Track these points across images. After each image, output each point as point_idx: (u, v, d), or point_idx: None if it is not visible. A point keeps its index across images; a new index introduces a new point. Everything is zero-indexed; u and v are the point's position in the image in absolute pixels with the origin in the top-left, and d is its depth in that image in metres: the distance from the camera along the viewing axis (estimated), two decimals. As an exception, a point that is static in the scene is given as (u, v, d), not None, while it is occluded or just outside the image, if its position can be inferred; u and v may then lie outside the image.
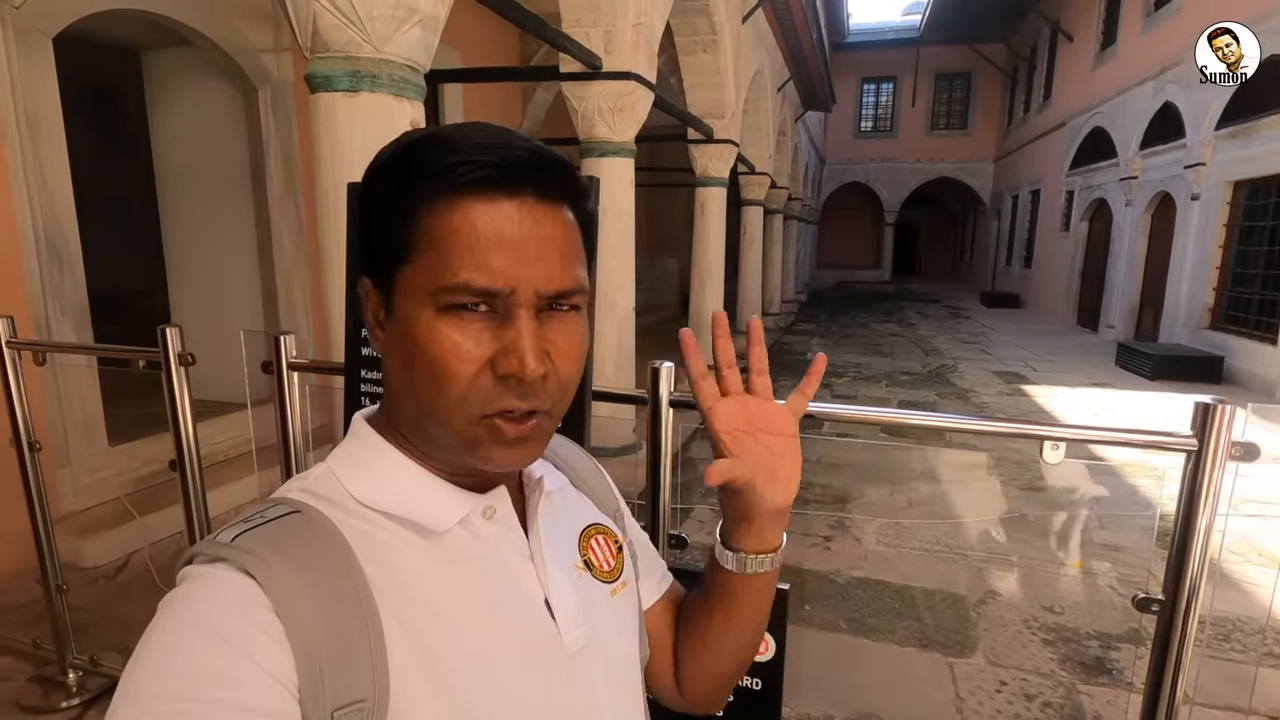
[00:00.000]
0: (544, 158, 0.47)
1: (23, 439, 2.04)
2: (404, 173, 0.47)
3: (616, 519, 0.67)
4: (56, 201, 2.92)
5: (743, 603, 0.64)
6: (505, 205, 0.45)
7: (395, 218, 0.47)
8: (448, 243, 0.45)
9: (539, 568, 0.54)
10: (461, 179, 0.45)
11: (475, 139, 0.46)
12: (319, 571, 0.43)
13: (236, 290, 4.11)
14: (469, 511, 0.51)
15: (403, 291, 0.47)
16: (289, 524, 0.45)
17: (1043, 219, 14.77)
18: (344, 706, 0.42)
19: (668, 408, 1.35)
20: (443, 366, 0.45)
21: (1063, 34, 13.56)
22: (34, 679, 2.23)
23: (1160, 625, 1.24)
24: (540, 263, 0.46)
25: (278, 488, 0.52)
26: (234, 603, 0.40)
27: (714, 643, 0.66)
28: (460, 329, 0.45)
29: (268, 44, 3.87)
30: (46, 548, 2.12)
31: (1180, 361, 7.63)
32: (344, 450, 0.53)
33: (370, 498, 0.49)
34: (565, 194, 0.48)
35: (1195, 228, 8.46)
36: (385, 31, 1.85)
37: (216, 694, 0.37)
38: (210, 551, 0.43)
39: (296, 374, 1.64)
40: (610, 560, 0.61)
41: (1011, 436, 1.21)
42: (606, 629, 0.58)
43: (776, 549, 0.62)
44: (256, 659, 0.39)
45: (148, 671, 0.38)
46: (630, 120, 3.90)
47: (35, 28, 2.81)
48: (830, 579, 3.06)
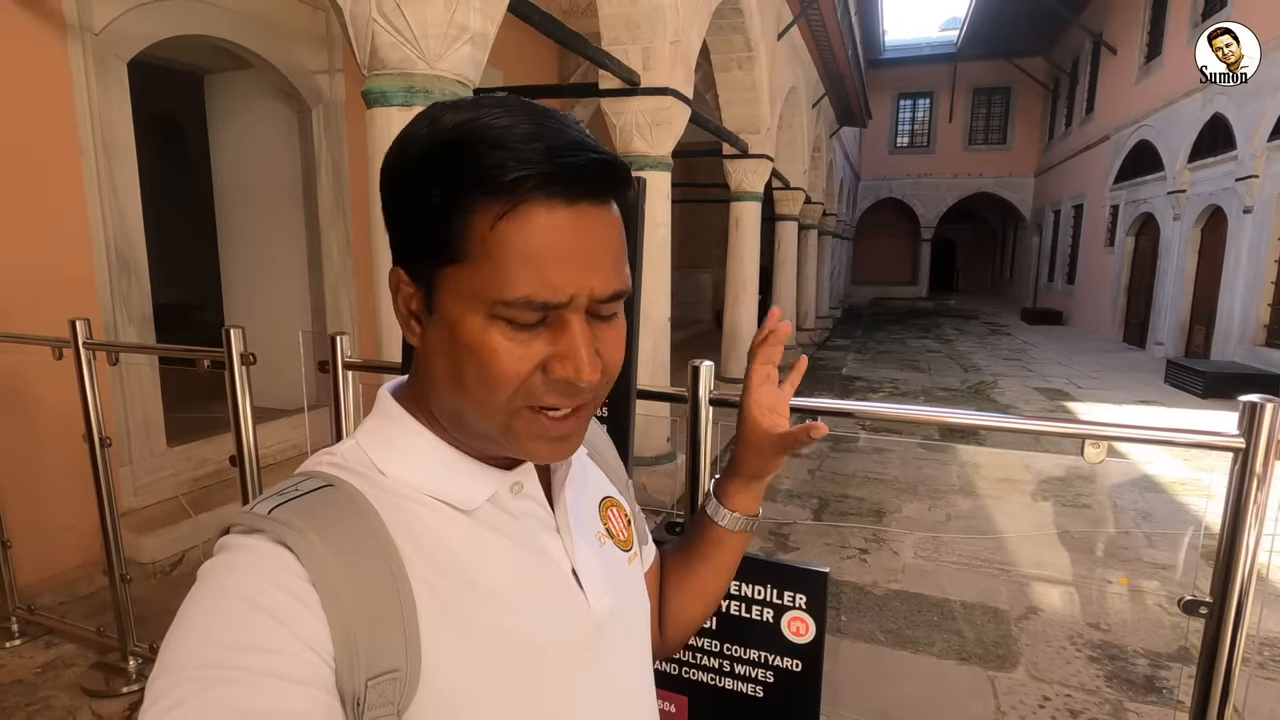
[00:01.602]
0: (600, 161, 0.45)
1: (95, 435, 2.16)
2: (453, 172, 0.44)
3: (625, 492, 0.70)
4: (127, 216, 3.10)
5: (731, 551, 0.75)
6: (562, 213, 0.44)
7: (442, 218, 0.44)
8: (504, 254, 0.43)
9: (565, 539, 0.55)
10: (519, 189, 0.43)
11: (521, 129, 0.43)
12: (352, 544, 0.44)
13: (287, 300, 4.27)
14: (497, 489, 0.52)
15: (449, 292, 0.45)
16: (322, 497, 0.46)
17: (1086, 234, 14.43)
18: (378, 676, 0.42)
19: (707, 406, 1.38)
20: (497, 371, 0.45)
21: (1105, 46, 13.33)
22: (96, 665, 2.34)
23: (1208, 630, 1.22)
24: (595, 271, 0.45)
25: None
26: (270, 573, 0.41)
27: (700, 589, 0.76)
28: (513, 336, 0.45)
29: (321, 66, 4.06)
30: (113, 540, 2.23)
31: (1234, 379, 7.37)
32: (371, 425, 0.53)
33: (398, 474, 0.50)
34: (617, 192, 0.48)
35: (1248, 242, 8.19)
36: (439, 49, 1.94)
37: (252, 661, 0.38)
38: (247, 523, 0.43)
39: (351, 373, 1.72)
40: (624, 531, 0.65)
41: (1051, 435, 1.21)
42: (628, 595, 0.60)
43: (757, 515, 0.77)
44: (292, 628, 0.40)
45: (186, 640, 0.39)
46: (668, 135, 3.98)
47: (111, 53, 3.00)
48: (867, 591, 3.03)
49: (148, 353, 3.00)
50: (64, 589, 2.78)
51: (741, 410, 0.73)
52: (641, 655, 0.63)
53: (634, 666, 0.61)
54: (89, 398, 2.15)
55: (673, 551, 0.78)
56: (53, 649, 2.44)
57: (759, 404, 0.72)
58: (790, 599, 0.97)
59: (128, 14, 3.03)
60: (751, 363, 0.73)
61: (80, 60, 2.88)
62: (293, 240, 4.23)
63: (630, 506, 0.70)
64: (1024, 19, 15.42)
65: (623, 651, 0.58)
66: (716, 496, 0.75)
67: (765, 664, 1.00)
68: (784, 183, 8.93)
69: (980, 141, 20.99)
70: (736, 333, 6.71)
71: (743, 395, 0.73)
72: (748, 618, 1.01)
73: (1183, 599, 1.22)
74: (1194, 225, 9.73)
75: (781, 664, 0.99)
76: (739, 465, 0.73)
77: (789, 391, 0.74)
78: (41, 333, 2.38)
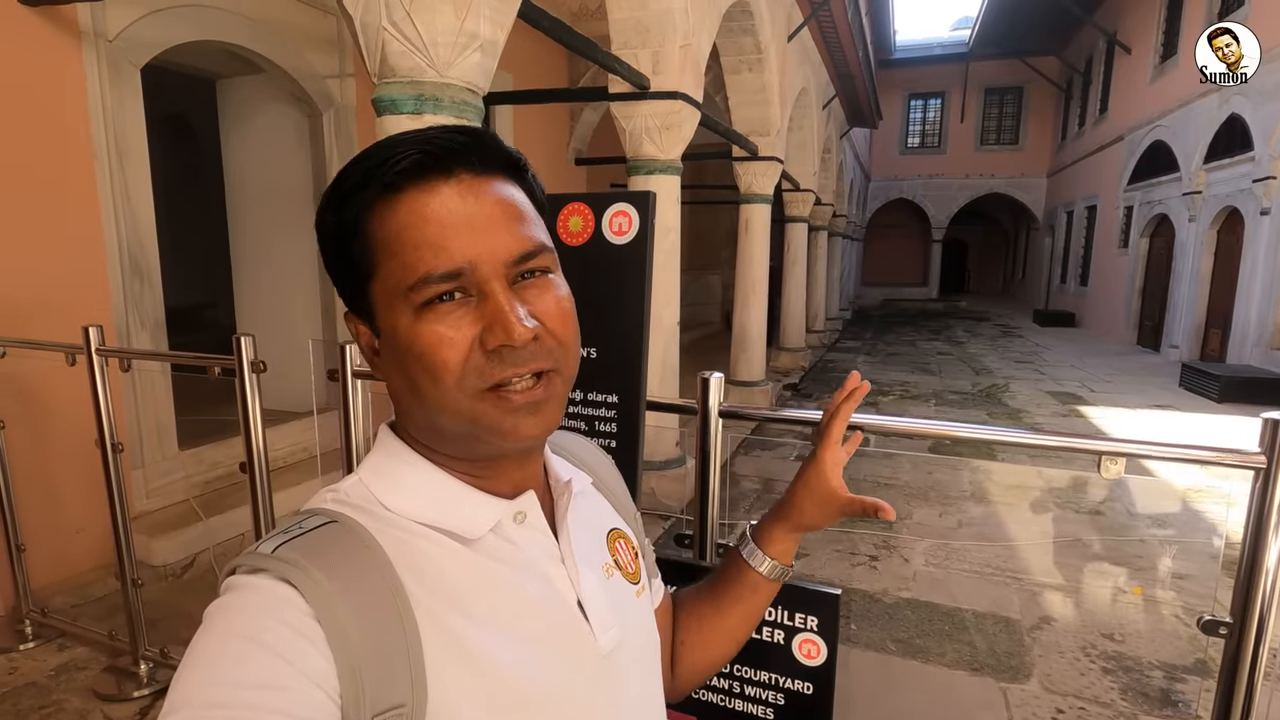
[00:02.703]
0: (467, 134, 0.47)
1: (107, 441, 2.18)
2: (339, 193, 0.48)
3: (633, 524, 0.69)
4: (139, 221, 3.12)
5: (765, 597, 0.74)
6: (442, 189, 0.46)
7: (348, 239, 0.48)
8: (400, 242, 0.45)
9: (570, 570, 0.54)
10: (392, 175, 0.46)
11: (392, 140, 0.48)
12: (357, 579, 0.44)
13: (298, 305, 4.29)
14: (500, 518, 0.52)
15: (380, 307, 0.48)
16: (327, 534, 0.46)
17: (1099, 235, 14.29)
18: (384, 712, 0.42)
19: (717, 418, 1.37)
20: (433, 359, 0.46)
21: (1120, 45, 13.20)
22: (108, 669, 2.36)
23: (1228, 650, 1.20)
24: (494, 232, 0.46)
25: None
26: (275, 611, 0.41)
27: (726, 634, 0.73)
28: (440, 320, 0.46)
29: (332, 70, 4.07)
30: (125, 544, 2.25)
31: (1250, 383, 7.26)
32: (373, 461, 0.53)
33: (401, 507, 0.50)
34: (499, 164, 0.49)
35: (1265, 244, 8.09)
36: (448, 57, 1.94)
37: (259, 699, 0.38)
38: (251, 563, 0.44)
39: (360, 381, 1.72)
40: (632, 563, 0.64)
41: (1068, 451, 1.19)
42: (636, 629, 0.59)
43: (792, 566, 0.76)
44: (298, 665, 0.40)
45: (194, 679, 0.39)
46: (677, 139, 3.96)
47: (125, 58, 3.02)
48: (877, 599, 3.01)
49: (159, 359, 3.02)
50: (77, 592, 2.80)
51: (815, 461, 0.73)
52: (651, 689, 0.61)
53: (643, 700, 0.59)
54: (101, 403, 2.16)
55: (695, 593, 0.76)
56: (65, 652, 2.46)
57: (836, 460, 0.73)
58: (801, 620, 0.96)
59: (141, 20, 3.05)
60: (834, 419, 0.74)
61: (95, 67, 2.90)
62: (303, 244, 4.24)
63: (639, 539, 0.69)
64: (1037, 18, 15.29)
65: (631, 685, 0.57)
66: (755, 540, 0.73)
67: (776, 686, 0.99)
68: (794, 185, 8.89)
69: (992, 142, 20.84)
70: (746, 335, 6.68)
71: (820, 447, 0.73)
72: (758, 639, 1.00)
73: (1201, 618, 1.20)
74: (1210, 227, 9.61)
75: (792, 686, 0.97)
76: (792, 512, 0.72)
77: (844, 459, 0.75)
78: (55, 338, 2.40)
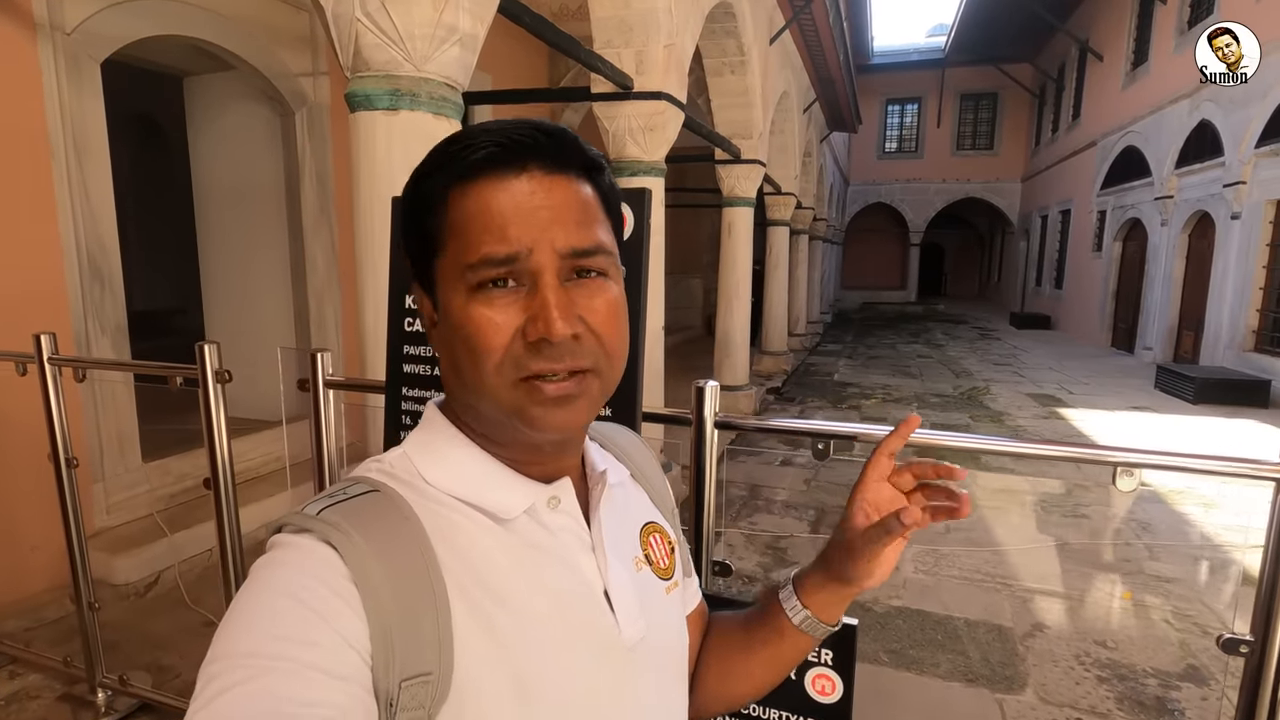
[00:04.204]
0: (546, 131, 0.49)
1: (61, 455, 2.05)
2: (424, 170, 0.51)
3: (670, 518, 0.68)
4: (100, 222, 2.97)
5: (793, 647, 0.67)
6: (514, 182, 0.47)
7: (423, 214, 0.50)
8: (467, 225, 0.47)
9: (599, 559, 0.55)
10: (468, 163, 0.47)
11: (475, 129, 0.49)
12: (394, 548, 0.45)
13: (270, 309, 4.15)
14: (534, 501, 0.52)
15: (441, 283, 0.50)
16: (369, 501, 0.48)
17: (1074, 239, 14.52)
18: (411, 678, 0.43)
19: (712, 428, 1.30)
20: (477, 341, 0.47)
21: (1092, 53, 13.43)
22: (63, 697, 2.22)
23: (1248, 668, 1.15)
24: (554, 224, 0.47)
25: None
26: (316, 571, 0.43)
27: (753, 675, 0.69)
28: (489, 304, 0.47)
29: (305, 68, 3.94)
30: (80, 565, 2.11)
31: (1224, 385, 7.39)
32: (419, 436, 0.55)
33: (442, 482, 0.51)
34: (572, 163, 0.50)
35: (1236, 248, 8.24)
36: (425, 50, 1.85)
37: (296, 653, 0.39)
38: (297, 523, 0.45)
39: (332, 391, 1.62)
40: (665, 559, 0.63)
41: (1083, 462, 1.13)
42: (662, 624, 0.59)
43: (834, 626, 0.68)
44: (334, 624, 0.41)
45: (236, 630, 0.41)
46: (661, 140, 3.90)
47: (84, 53, 2.88)
48: (868, 608, 2.95)
49: (116, 368, 2.87)
50: (31, 614, 2.65)
51: (849, 503, 0.63)
52: (673, 686, 0.60)
53: (664, 697, 0.58)
54: (54, 415, 2.03)
55: (731, 618, 0.71)
56: (17, 680, 2.31)
57: (869, 501, 0.61)
58: (815, 654, 0.89)
59: (101, 13, 2.91)
60: (876, 454, 0.63)
61: (51, 61, 2.76)
62: (275, 247, 4.10)
63: (675, 535, 0.67)
64: (1011, 26, 15.53)
65: (652, 679, 0.56)
66: (795, 583, 0.66)
67: (786, 723, 0.92)
68: (775, 188, 8.88)
69: (968, 147, 21.12)
70: (730, 340, 6.64)
71: (855, 487, 0.63)
72: (766, 672, 0.92)
73: (1221, 637, 1.15)
74: (1182, 231, 9.78)
75: (805, 725, 0.90)
76: (826, 561, 0.64)
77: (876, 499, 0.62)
78: (8, 346, 2.25)
